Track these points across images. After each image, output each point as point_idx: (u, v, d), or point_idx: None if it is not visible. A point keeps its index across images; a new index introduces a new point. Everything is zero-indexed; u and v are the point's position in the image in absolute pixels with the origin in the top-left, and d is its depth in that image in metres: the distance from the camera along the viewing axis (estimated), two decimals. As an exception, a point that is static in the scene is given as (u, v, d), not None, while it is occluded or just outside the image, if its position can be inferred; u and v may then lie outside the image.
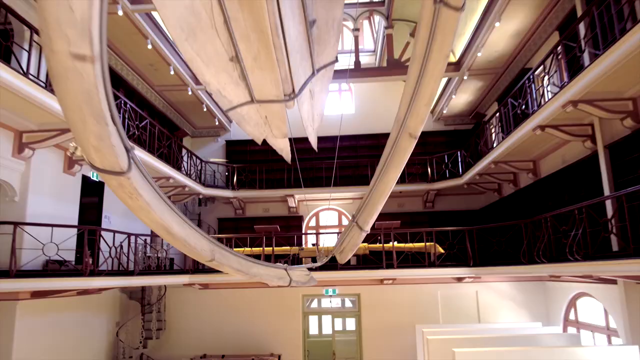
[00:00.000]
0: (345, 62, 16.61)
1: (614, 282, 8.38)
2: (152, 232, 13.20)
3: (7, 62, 7.13)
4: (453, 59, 13.53)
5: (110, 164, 1.46)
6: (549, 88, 9.14)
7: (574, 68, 8.93)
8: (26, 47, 8.05)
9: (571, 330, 10.71)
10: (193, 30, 2.01)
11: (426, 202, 16.75)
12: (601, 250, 7.71)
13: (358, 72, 13.65)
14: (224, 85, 2.36)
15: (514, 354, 7.45)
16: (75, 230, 9.40)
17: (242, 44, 2.10)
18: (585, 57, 8.39)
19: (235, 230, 16.43)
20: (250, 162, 17.03)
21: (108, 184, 1.61)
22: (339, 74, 13.72)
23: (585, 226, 7.53)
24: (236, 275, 2.79)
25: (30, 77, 7.34)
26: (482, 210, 16.04)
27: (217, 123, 16.84)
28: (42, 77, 8.07)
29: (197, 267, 12.09)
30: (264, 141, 2.90)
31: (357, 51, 13.84)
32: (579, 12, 9.04)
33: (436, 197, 16.70)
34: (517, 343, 8.58)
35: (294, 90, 2.56)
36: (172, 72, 12.44)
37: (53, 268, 8.90)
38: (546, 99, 9.03)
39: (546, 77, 8.97)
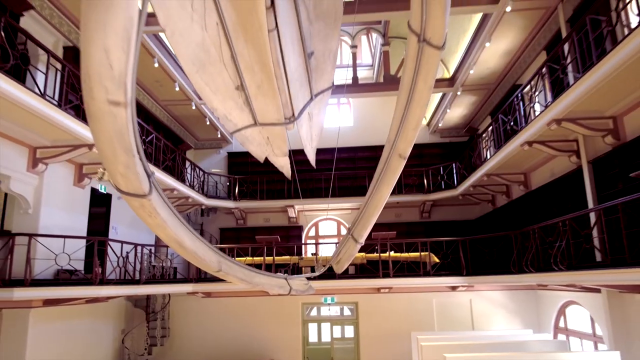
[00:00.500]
0: (344, 76, 17.15)
1: (598, 290, 8.81)
2: (156, 242, 13.68)
3: (22, 81, 7.61)
4: (447, 74, 14.06)
5: (134, 188, 1.64)
6: (537, 106, 9.64)
7: (558, 88, 9.42)
8: (41, 68, 8.58)
9: (561, 337, 11.11)
10: (203, 64, 2.35)
11: (423, 213, 17.19)
12: (586, 260, 8.14)
13: (355, 87, 14.15)
14: (230, 111, 2.70)
15: (498, 355, 7.87)
16: (84, 241, 9.84)
17: (247, 75, 2.45)
18: (571, 76, 8.88)
19: (237, 240, 16.86)
20: (251, 173, 17.48)
21: (130, 205, 1.78)
22: (337, 89, 14.23)
23: (569, 238, 7.99)
24: (240, 284, 3.10)
25: (47, 97, 7.82)
26: (477, 220, 16.48)
27: (219, 135, 17.34)
28: (55, 94, 8.57)
29: (200, 277, 12.52)
30: (265, 154, 3.26)
31: (354, 67, 14.35)
32: (564, 34, 9.55)
33: (432, 208, 17.15)
34: (507, 349, 9.00)
35: (293, 114, 2.95)
36: (177, 89, 12.95)
37: (64, 277, 9.33)
38: (533, 116, 9.51)
39: (533, 96, 9.46)
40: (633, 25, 7.32)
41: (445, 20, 1.90)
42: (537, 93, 9.24)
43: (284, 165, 3.49)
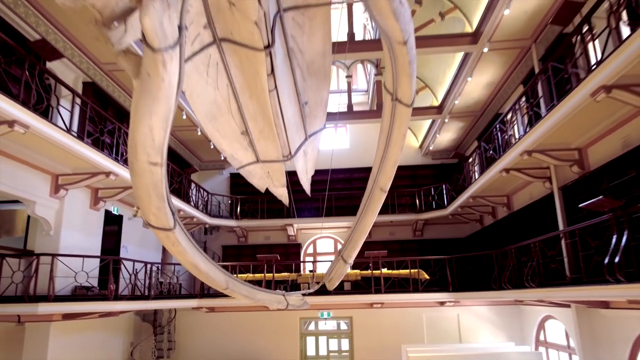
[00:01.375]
0: (339, 100, 18.12)
1: (568, 306, 9.65)
2: (162, 260, 14.50)
3: (46, 114, 8.54)
4: (436, 102, 15.06)
5: (162, 224, 2.04)
6: (514, 138, 10.60)
7: (533, 120, 10.38)
8: (62, 101, 9.56)
9: (542, 349, 11.90)
10: (215, 116, 3.00)
11: (415, 231, 18.04)
12: (556, 278, 9.00)
13: (350, 114, 15.14)
14: (236, 151, 3.39)
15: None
16: (99, 259, 10.72)
17: (251, 123, 3.09)
18: (544, 110, 9.83)
19: (238, 257, 17.70)
20: (252, 193, 18.32)
21: (157, 236, 2.18)
22: (333, 115, 15.20)
23: (539, 258, 8.87)
24: (244, 300, 3.54)
25: (73, 133, 8.78)
26: (467, 238, 17.33)
27: (222, 157, 18.27)
28: (72, 125, 9.53)
29: (204, 292, 13.35)
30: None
31: (349, 95, 15.37)
32: (537, 70, 10.54)
33: (424, 226, 18.01)
34: (485, 358, 9.81)
35: (290, 152, 3.78)
36: (184, 117, 13.92)
37: (81, 293, 10.19)
38: (514, 142, 10.45)
39: (508, 128, 10.43)
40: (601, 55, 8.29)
41: (411, 87, 2.46)
42: (511, 126, 10.20)
43: (282, 194, 4.10)
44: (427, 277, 13.19)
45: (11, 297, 9.05)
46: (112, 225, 12.65)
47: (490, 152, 11.60)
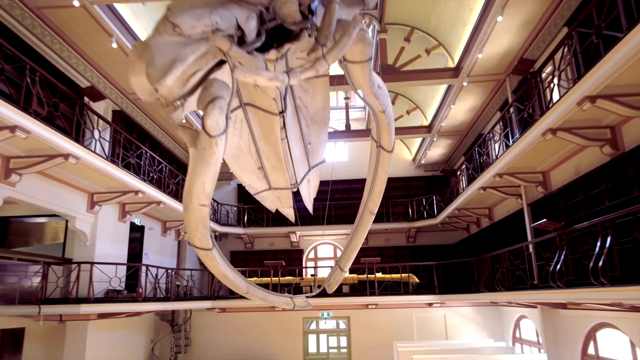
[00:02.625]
0: (338, 116, 19.57)
1: (535, 306, 11.17)
2: (177, 265, 16.02)
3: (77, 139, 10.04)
4: (425, 122, 16.59)
5: (204, 246, 2.59)
6: (490, 159, 12.12)
7: (507, 144, 11.90)
8: (99, 133, 11.09)
9: (517, 344, 13.42)
10: (238, 157, 4.11)
11: (409, 238, 19.55)
12: (522, 283, 10.50)
13: (348, 132, 16.67)
14: (253, 182, 4.50)
15: (454, 357, 10.21)
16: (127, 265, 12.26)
17: (266, 161, 4.14)
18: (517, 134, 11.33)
19: (245, 262, 19.21)
20: (259, 202, 19.79)
21: (198, 253, 2.88)
22: (332, 134, 16.73)
23: (508, 265, 10.40)
24: (259, 302, 4.43)
25: (110, 159, 10.31)
26: (456, 244, 18.84)
27: (230, 170, 19.76)
28: (103, 148, 11.07)
29: (216, 295, 14.86)
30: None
31: (347, 115, 16.89)
32: (510, 101, 12.04)
33: (417, 233, 19.52)
34: (464, 353, 11.33)
35: (297, 181, 5.14)
36: (198, 136, 15.43)
37: (112, 295, 11.71)
38: (494, 160, 11.97)
39: (485, 152, 11.96)
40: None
41: (390, 139, 3.39)
42: (486, 151, 11.73)
43: (289, 213, 5.29)
44: (417, 280, 14.69)
45: (55, 299, 10.56)
46: (136, 233, 14.18)
47: (471, 171, 13.12)
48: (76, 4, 8.78)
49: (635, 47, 5.63)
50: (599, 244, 6.39)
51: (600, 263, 6.21)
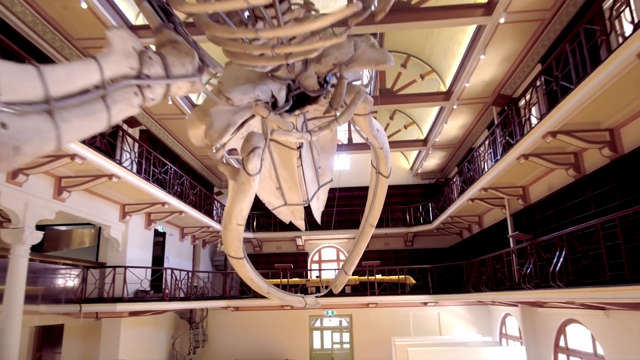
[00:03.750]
0: (340, 128, 20.99)
1: (516, 305, 12.61)
2: (193, 268, 17.49)
3: (110, 156, 11.47)
4: (422, 136, 18.04)
5: (237, 255, 3.84)
6: (477, 173, 13.58)
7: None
8: (135, 154, 12.54)
9: (504, 340, 14.86)
10: (261, 181, 5.49)
11: (406, 242, 21.00)
12: (502, 284, 11.94)
13: (350, 146, 18.11)
14: (271, 199, 5.71)
15: (443, 349, 11.67)
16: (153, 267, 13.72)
17: (283, 183, 5.30)
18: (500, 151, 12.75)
19: (254, 265, 20.39)
20: (267, 209, 21.25)
21: (231, 262, 3.99)
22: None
23: (491, 268, 11.85)
24: (276, 301, 5.81)
25: (142, 176, 11.77)
26: (450, 248, 20.29)
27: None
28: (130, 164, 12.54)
29: (230, 294, 16.30)
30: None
31: (349, 130, 18.32)
32: (496, 122, 13.49)
33: (414, 238, 20.96)
34: (453, 345, 12.78)
35: (308, 198, 6.66)
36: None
37: (141, 295, 13.15)
38: (475, 180, 13.41)
39: (472, 167, 13.40)
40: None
41: (387, 168, 4.70)
42: (473, 167, 13.18)
43: (301, 224, 6.78)
44: (413, 282, 16.13)
45: (93, 299, 12.01)
46: (158, 239, 15.64)
47: (461, 183, 14.59)
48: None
49: (583, 97, 7.07)
50: (557, 253, 7.84)
51: (557, 269, 7.67)
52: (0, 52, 7.64)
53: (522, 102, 10.67)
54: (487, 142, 12.84)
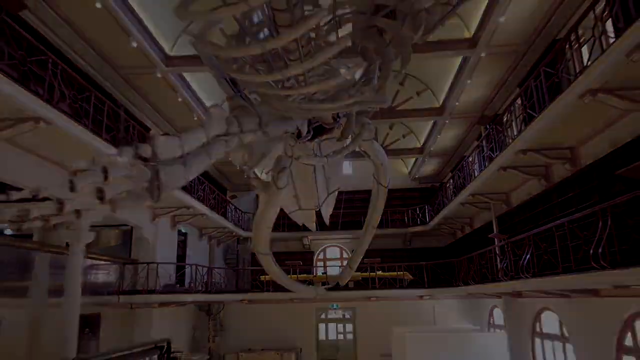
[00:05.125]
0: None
1: (500, 297, 14.31)
2: (209, 263, 19.24)
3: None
4: (418, 145, 19.74)
5: (265, 251, 5.41)
6: (468, 180, 15.30)
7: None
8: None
9: (492, 329, 16.57)
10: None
11: (405, 241, 22.71)
12: (486, 278, 13.62)
13: (352, 153, 19.76)
14: (288, 205, 7.45)
15: (435, 334, 13.40)
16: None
17: (300, 192, 6.94)
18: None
19: (264, 262, 22.28)
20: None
21: (259, 257, 5.42)
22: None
23: (477, 264, 13.56)
24: (295, 293, 7.39)
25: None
26: (445, 247, 21.97)
27: (251, 182, 22.95)
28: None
29: (244, 289, 18.00)
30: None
31: (353, 138, 20.00)
32: (482, 134, 15.18)
33: (412, 237, 22.66)
34: (444, 332, 14.50)
35: (319, 203, 8.43)
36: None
37: (169, 288, 14.85)
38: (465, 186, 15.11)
39: (464, 175, 15.11)
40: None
41: (386, 180, 6.36)
42: (463, 175, 14.91)
43: (312, 226, 8.83)
44: (410, 277, 17.81)
45: (128, 291, 13.71)
46: (180, 238, 17.36)
47: (453, 189, 16.31)
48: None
49: (544, 124, 8.77)
50: (526, 250, 9.56)
51: (525, 263, 9.39)
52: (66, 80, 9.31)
53: (505, 119, 12.37)
54: (474, 154, 14.55)
